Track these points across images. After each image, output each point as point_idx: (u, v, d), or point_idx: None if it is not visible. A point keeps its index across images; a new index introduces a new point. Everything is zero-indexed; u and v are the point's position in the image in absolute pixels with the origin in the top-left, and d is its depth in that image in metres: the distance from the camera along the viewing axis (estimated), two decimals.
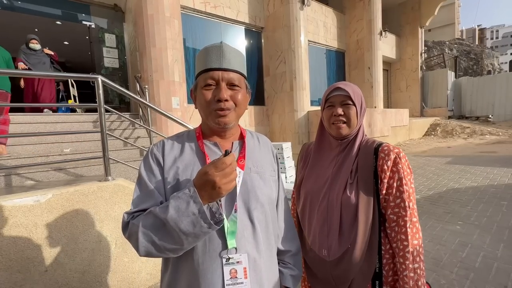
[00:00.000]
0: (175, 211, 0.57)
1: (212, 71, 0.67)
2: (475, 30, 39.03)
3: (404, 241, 0.77)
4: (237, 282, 0.64)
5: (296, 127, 7.15)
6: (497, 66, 18.57)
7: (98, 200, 1.81)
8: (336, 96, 0.87)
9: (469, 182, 4.45)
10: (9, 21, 5.10)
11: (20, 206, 1.54)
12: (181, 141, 0.75)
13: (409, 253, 0.76)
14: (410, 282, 0.75)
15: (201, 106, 0.71)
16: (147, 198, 0.66)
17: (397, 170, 0.80)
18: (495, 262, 2.12)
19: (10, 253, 1.49)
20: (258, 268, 0.68)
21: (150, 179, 0.68)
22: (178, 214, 0.56)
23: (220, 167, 0.56)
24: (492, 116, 12.57)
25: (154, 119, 4.38)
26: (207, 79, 0.67)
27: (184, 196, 0.57)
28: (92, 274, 1.77)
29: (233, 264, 0.64)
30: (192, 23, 6.36)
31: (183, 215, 0.56)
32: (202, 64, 0.69)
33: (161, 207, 0.60)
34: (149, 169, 0.70)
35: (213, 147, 0.74)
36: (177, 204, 0.57)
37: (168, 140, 0.75)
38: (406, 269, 0.76)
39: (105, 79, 2.07)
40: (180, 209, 0.56)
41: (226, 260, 0.64)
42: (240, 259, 0.65)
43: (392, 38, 12.75)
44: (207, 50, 0.69)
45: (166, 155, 0.71)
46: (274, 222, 0.77)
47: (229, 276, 0.64)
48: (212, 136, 0.75)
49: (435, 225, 2.90)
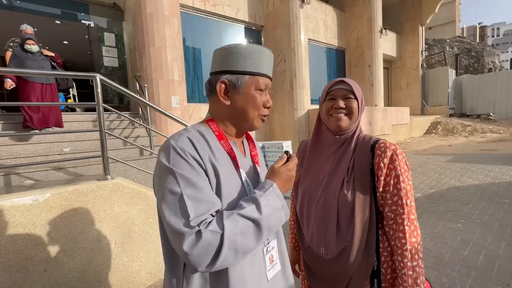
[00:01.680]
0: (268, 208, 0.59)
1: (267, 78, 0.70)
2: (476, 28, 38.90)
3: (402, 239, 0.76)
4: (273, 265, 0.72)
5: (296, 126, 7.14)
6: (498, 64, 18.49)
7: (97, 199, 1.80)
8: (338, 90, 0.86)
9: (470, 180, 4.43)
10: (7, 20, 5.07)
11: (18, 206, 1.53)
12: (204, 140, 0.66)
13: (407, 251, 0.75)
14: (409, 280, 0.74)
15: (248, 106, 0.67)
16: (209, 200, 0.57)
17: (394, 167, 0.79)
18: (497, 260, 2.11)
19: (9, 253, 1.49)
20: (281, 247, 0.77)
21: (199, 180, 0.58)
22: (271, 211, 0.60)
23: (293, 166, 0.68)
24: (493, 114, 12.54)
25: (154, 118, 4.37)
26: (261, 84, 0.68)
27: (269, 193, 0.62)
28: (92, 273, 1.77)
29: (270, 251, 0.71)
30: (191, 21, 6.34)
31: (273, 211, 0.61)
32: (257, 65, 0.66)
33: (250, 208, 0.57)
34: (191, 169, 0.59)
35: (233, 146, 0.72)
36: (268, 202, 0.60)
37: (191, 137, 0.64)
38: (405, 267, 0.75)
39: (103, 77, 2.06)
40: (273, 206, 0.61)
41: (266, 250, 0.70)
42: (274, 245, 0.73)
43: (392, 36, 12.70)
44: (262, 53, 0.67)
45: (201, 154, 0.62)
46: None
47: (269, 262, 0.71)
48: (232, 136, 0.73)
49: (436, 224, 2.88)
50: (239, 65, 0.65)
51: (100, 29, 5.50)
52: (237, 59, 0.65)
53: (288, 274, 0.78)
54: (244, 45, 0.66)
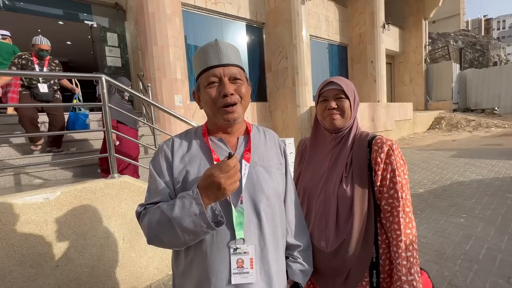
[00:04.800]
0: (180, 210, 0.61)
1: (213, 69, 0.69)
2: (481, 21, 38.16)
3: (397, 231, 0.79)
4: (243, 272, 0.66)
5: (299, 123, 7.14)
6: (503, 57, 18.20)
7: (105, 197, 1.86)
8: (329, 90, 0.89)
9: (473, 175, 4.42)
10: (11, 22, 5.13)
11: (30, 204, 1.59)
12: (189, 138, 0.78)
13: (401, 242, 0.78)
14: (403, 269, 0.77)
15: (207, 104, 0.72)
16: (157, 193, 0.70)
17: (390, 162, 0.82)
18: (499, 254, 2.13)
19: (22, 249, 1.55)
20: (266, 260, 0.70)
21: (160, 175, 0.72)
22: (182, 213, 0.60)
23: (224, 170, 0.58)
24: (498, 108, 12.37)
25: (158, 117, 4.42)
26: (209, 77, 0.69)
27: (188, 197, 0.61)
28: (101, 268, 1.83)
29: (240, 254, 0.67)
30: (193, 20, 6.34)
31: (186, 214, 0.60)
32: (201, 64, 0.71)
33: (168, 205, 0.64)
34: (159, 165, 0.73)
35: (219, 142, 0.76)
36: (182, 204, 0.61)
37: (177, 137, 0.79)
38: (399, 257, 0.78)
39: (108, 78, 2.10)
40: (184, 208, 0.60)
41: (234, 250, 0.67)
42: (247, 249, 0.67)
43: (395, 31, 12.56)
44: (204, 50, 0.71)
45: (175, 152, 0.74)
46: (282, 216, 0.77)
47: (236, 265, 0.66)
48: (218, 132, 0.77)
49: (439, 218, 2.90)
50: (196, 72, 0.74)
51: (102, 29, 5.54)
52: (194, 67, 0.75)
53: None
54: (197, 51, 0.74)
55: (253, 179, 0.72)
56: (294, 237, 0.82)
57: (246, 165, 0.72)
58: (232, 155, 0.60)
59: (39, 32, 5.95)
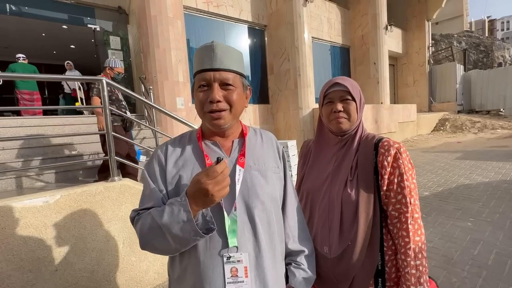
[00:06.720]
0: (169, 216, 0.60)
1: (204, 72, 0.67)
2: (484, 22, 37.91)
3: (405, 238, 0.76)
4: (238, 281, 0.64)
5: (301, 125, 7.11)
6: (508, 58, 18.04)
7: (105, 200, 1.84)
8: (335, 92, 0.86)
9: (480, 178, 4.34)
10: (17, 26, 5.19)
11: (29, 207, 1.57)
12: (183, 142, 0.77)
13: (410, 250, 0.75)
14: (412, 279, 0.73)
15: (196, 107, 0.72)
16: (150, 198, 0.70)
17: (398, 166, 0.78)
18: (509, 259, 2.06)
19: (21, 253, 1.53)
20: (261, 267, 0.67)
21: (153, 180, 0.72)
22: (170, 220, 0.59)
23: (211, 175, 0.56)
24: (503, 109, 12.23)
25: (159, 120, 4.42)
26: (200, 81, 0.68)
27: (177, 203, 0.60)
28: (101, 273, 1.80)
29: (233, 263, 0.64)
30: (195, 23, 6.37)
31: (174, 221, 0.59)
32: (196, 65, 0.70)
33: (159, 211, 0.63)
34: (153, 170, 0.73)
35: (213, 146, 0.74)
36: (171, 210, 0.60)
37: (171, 141, 0.78)
38: (408, 266, 0.74)
39: (109, 80, 2.09)
40: (173, 215, 0.59)
41: (227, 258, 0.64)
42: (240, 258, 0.65)
43: (398, 32, 12.51)
44: (200, 51, 0.69)
45: (169, 156, 0.73)
46: (279, 221, 0.75)
47: (230, 274, 0.64)
48: (213, 136, 0.75)
49: (445, 222, 2.83)
50: (194, 70, 0.72)
51: (105, 33, 5.59)
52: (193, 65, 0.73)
53: None
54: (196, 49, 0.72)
55: (247, 184, 0.70)
56: (297, 242, 0.79)
57: (241, 170, 0.69)
58: (220, 160, 0.57)
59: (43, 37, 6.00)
